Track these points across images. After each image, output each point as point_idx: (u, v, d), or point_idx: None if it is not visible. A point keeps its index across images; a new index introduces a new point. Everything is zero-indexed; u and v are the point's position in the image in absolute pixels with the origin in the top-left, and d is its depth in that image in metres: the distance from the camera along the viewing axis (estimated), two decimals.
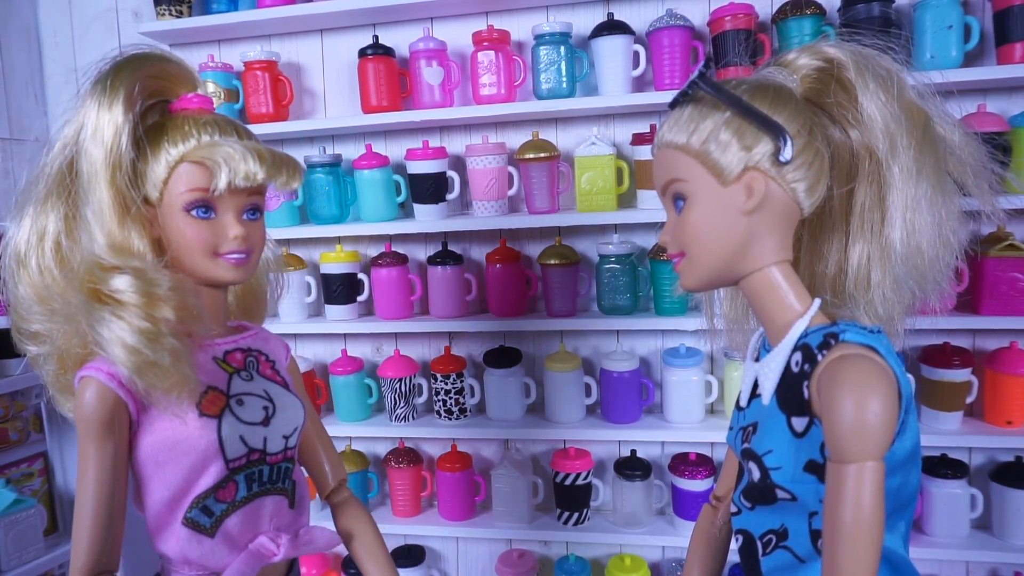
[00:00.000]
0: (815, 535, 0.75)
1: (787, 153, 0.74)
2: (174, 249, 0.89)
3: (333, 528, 1.08)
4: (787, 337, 0.77)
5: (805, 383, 0.72)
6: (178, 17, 1.93)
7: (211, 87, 1.93)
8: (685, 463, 1.81)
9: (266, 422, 0.95)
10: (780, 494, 0.76)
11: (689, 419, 1.83)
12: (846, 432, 0.65)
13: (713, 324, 1.00)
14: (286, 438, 0.97)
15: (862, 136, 0.79)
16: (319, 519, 1.48)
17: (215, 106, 0.94)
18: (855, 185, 0.80)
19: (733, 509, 0.86)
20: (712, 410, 1.91)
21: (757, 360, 0.84)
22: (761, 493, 0.78)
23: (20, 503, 1.92)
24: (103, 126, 0.83)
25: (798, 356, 0.75)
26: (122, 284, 0.82)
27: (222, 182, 0.85)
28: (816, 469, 0.73)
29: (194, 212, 0.87)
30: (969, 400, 1.71)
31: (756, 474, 0.78)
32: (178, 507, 0.90)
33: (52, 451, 2.18)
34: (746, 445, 0.81)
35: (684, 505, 1.82)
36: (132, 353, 0.81)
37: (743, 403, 0.86)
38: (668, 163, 0.79)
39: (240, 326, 1.04)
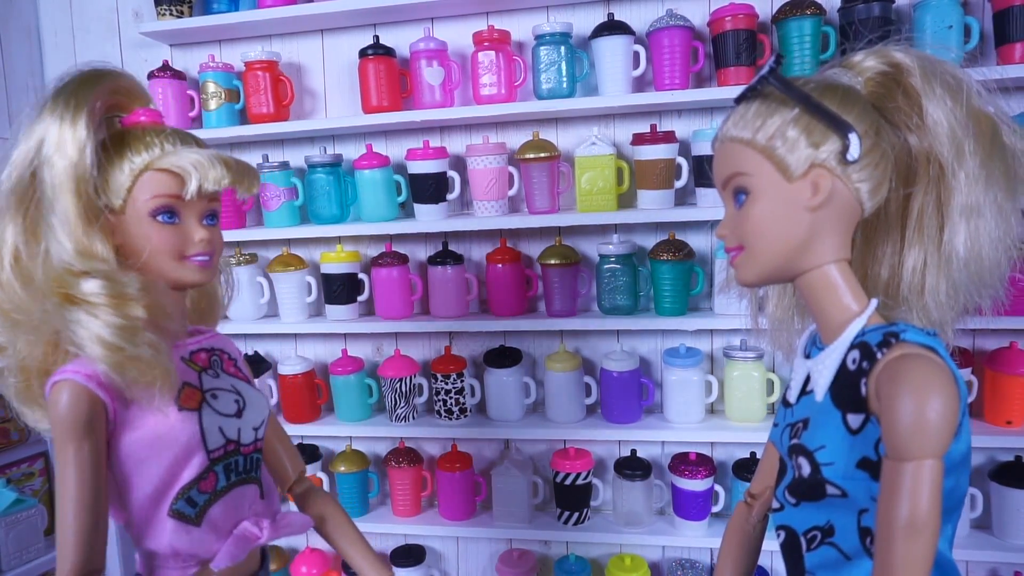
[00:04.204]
0: (864, 532, 0.76)
1: (855, 152, 0.74)
2: (140, 253, 0.91)
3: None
4: (844, 335, 0.77)
5: (863, 380, 0.72)
6: (179, 17, 1.94)
7: (211, 87, 1.93)
8: (685, 463, 1.82)
9: (239, 414, 1.00)
10: (830, 490, 0.76)
11: (689, 419, 1.83)
12: (906, 430, 0.65)
13: (757, 324, 1.00)
14: (255, 430, 1.02)
15: (922, 142, 0.79)
16: None
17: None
18: (914, 190, 0.80)
19: (775, 505, 0.86)
20: (712, 410, 1.91)
21: (808, 358, 0.84)
22: (810, 489, 0.78)
23: (21, 503, 1.92)
24: (66, 141, 0.85)
25: (855, 354, 0.75)
26: (93, 287, 0.85)
27: (193, 187, 0.89)
28: (869, 466, 0.73)
29: (160, 217, 0.90)
30: (969, 400, 1.71)
31: (806, 469, 0.78)
32: (163, 500, 0.92)
33: (53, 451, 2.18)
34: (795, 441, 0.81)
35: (684, 505, 1.82)
36: (112, 350, 0.84)
37: (792, 400, 0.86)
38: (732, 157, 0.80)
39: (196, 330, 1.06)
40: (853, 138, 0.74)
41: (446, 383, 1.92)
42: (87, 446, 0.87)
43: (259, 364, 2.04)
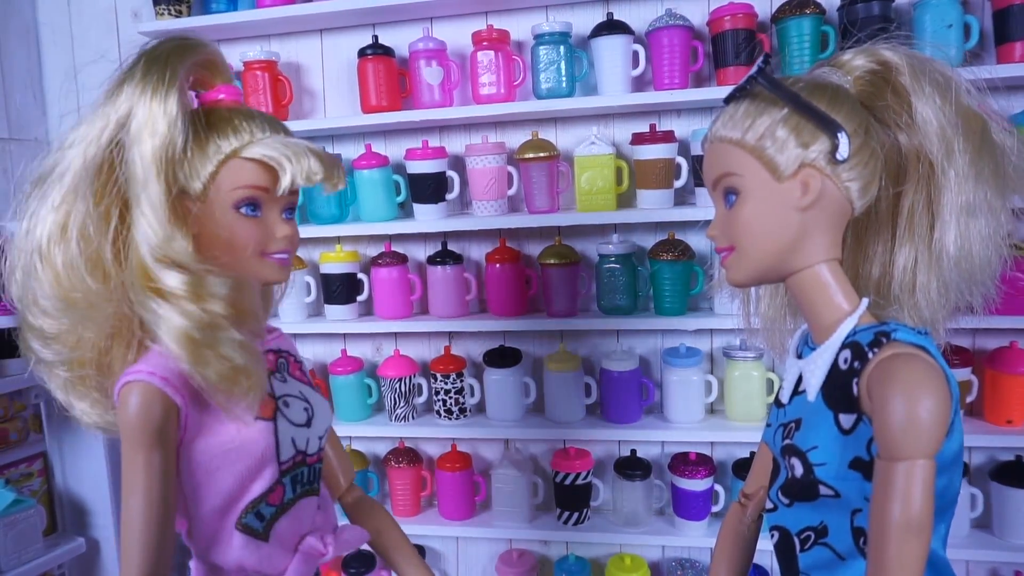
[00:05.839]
0: (857, 533, 0.76)
1: (844, 151, 0.74)
2: (220, 247, 0.84)
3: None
4: (835, 335, 0.77)
5: (855, 380, 0.72)
6: (177, 17, 1.93)
7: None
8: (685, 463, 1.81)
9: (308, 423, 0.93)
10: (823, 490, 0.76)
11: (689, 419, 1.83)
12: (898, 429, 0.65)
13: (750, 323, 1.00)
14: (320, 439, 0.96)
15: (911, 140, 0.79)
16: None
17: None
18: (904, 188, 0.80)
19: (769, 506, 0.86)
20: (712, 410, 1.90)
21: (800, 357, 0.84)
22: (803, 489, 0.78)
23: (19, 503, 1.92)
24: (157, 118, 0.78)
25: (847, 354, 0.75)
26: (174, 281, 0.78)
27: (287, 181, 0.81)
28: (862, 466, 0.73)
29: (243, 210, 0.83)
30: (969, 399, 1.71)
31: (799, 470, 0.78)
32: (230, 513, 0.87)
33: (52, 451, 2.18)
34: (787, 441, 0.81)
35: (684, 505, 1.82)
36: (192, 345, 0.78)
37: (784, 400, 0.86)
38: (721, 158, 0.79)
39: (267, 328, 1.00)
40: (842, 137, 0.74)
41: (445, 383, 1.92)
42: (157, 454, 0.80)
43: None
